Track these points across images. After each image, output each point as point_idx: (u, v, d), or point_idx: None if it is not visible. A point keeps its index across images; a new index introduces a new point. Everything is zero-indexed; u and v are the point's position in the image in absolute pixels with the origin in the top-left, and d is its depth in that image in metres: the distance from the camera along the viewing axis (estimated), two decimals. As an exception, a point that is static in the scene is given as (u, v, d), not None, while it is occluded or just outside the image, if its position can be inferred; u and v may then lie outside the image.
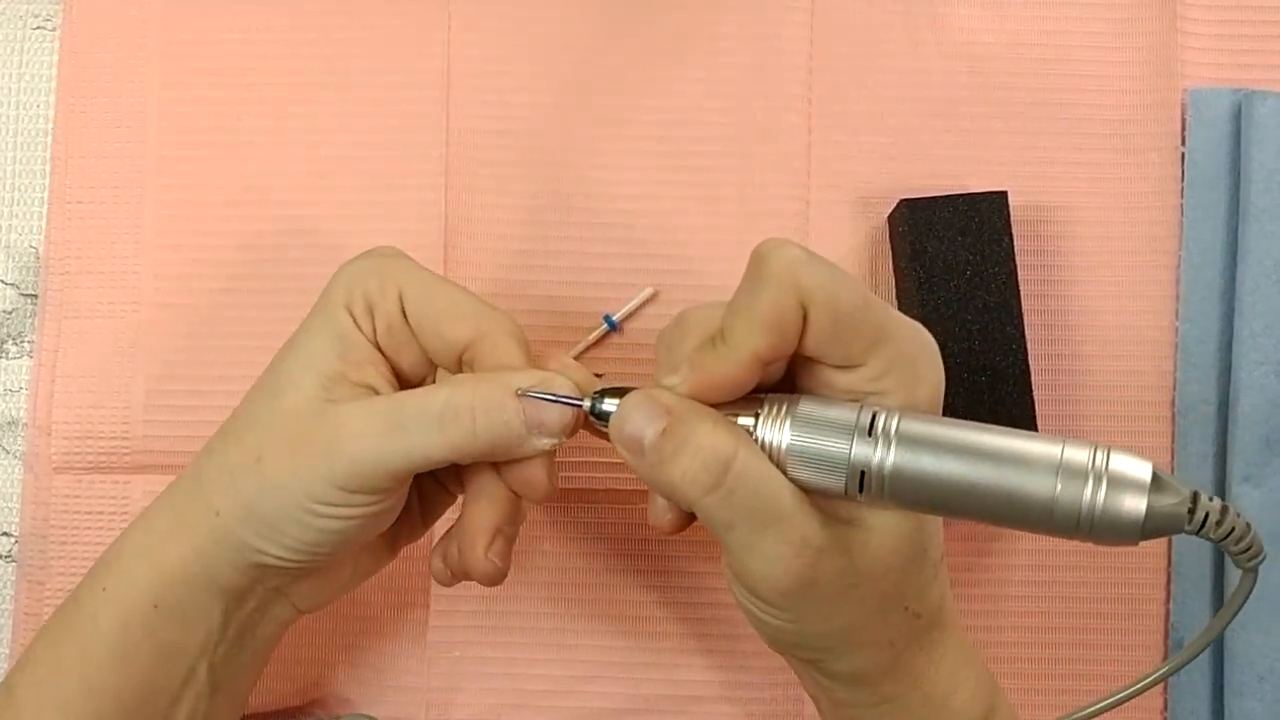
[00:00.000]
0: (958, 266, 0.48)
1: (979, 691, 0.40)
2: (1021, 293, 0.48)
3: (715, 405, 0.36)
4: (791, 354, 0.36)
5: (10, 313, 0.52)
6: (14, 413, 0.52)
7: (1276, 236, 0.50)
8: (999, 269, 0.48)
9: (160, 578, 0.40)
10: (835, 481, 0.35)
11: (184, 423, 0.51)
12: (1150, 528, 0.33)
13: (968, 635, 0.40)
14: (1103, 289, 0.51)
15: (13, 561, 0.51)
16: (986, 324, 0.48)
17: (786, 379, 0.38)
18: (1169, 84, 0.52)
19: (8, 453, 0.52)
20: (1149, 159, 0.52)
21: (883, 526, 0.36)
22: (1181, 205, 0.52)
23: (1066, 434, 0.50)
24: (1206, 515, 0.33)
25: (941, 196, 0.48)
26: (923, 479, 0.34)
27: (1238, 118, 0.51)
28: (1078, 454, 0.33)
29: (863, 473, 0.35)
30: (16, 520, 0.51)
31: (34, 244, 0.52)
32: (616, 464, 0.50)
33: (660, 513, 0.39)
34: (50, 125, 0.53)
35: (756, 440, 0.36)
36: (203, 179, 0.52)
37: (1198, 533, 0.33)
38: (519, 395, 0.38)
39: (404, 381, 0.41)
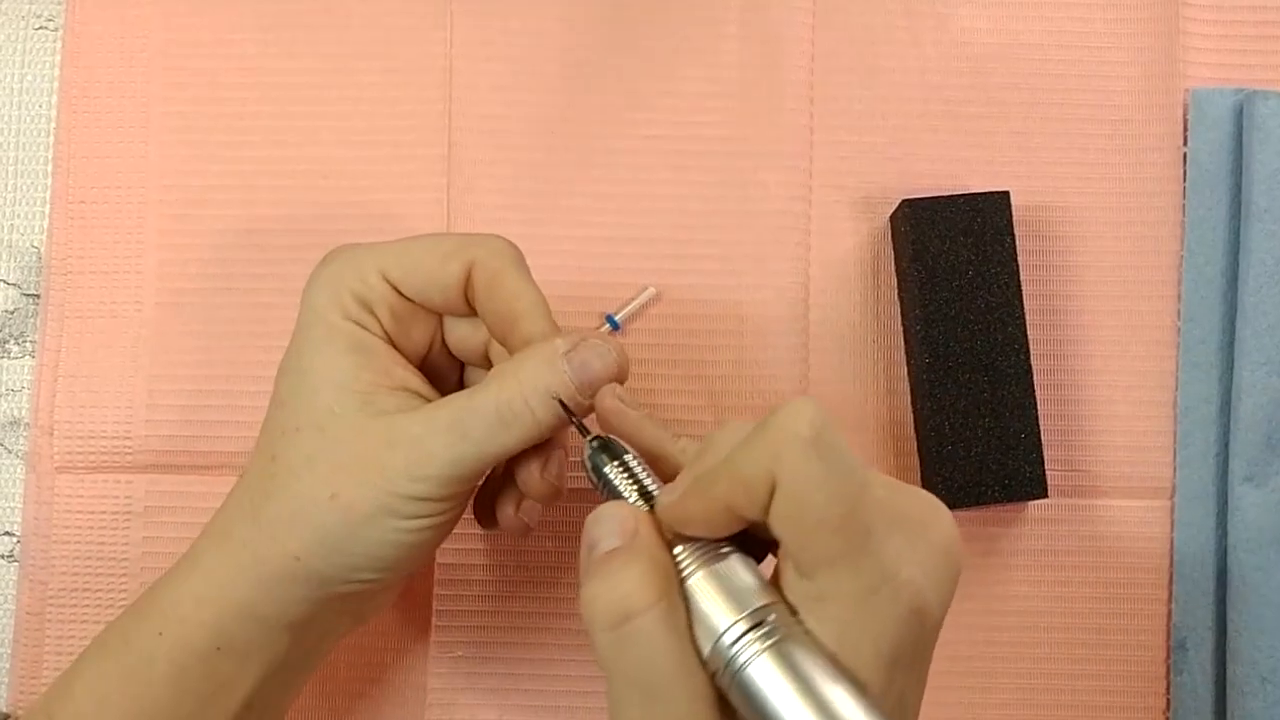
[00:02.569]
0: (960, 267, 0.48)
1: None
2: (1024, 293, 0.48)
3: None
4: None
5: (12, 313, 0.52)
6: (16, 412, 0.52)
7: (1278, 236, 0.50)
8: (1001, 269, 0.48)
9: (225, 621, 0.40)
10: (703, 648, 0.33)
11: (186, 422, 0.51)
12: None
13: None
14: (1105, 289, 0.51)
15: (15, 561, 0.51)
16: (989, 324, 0.48)
17: None
18: (1171, 84, 0.52)
19: (10, 452, 0.52)
20: (1151, 159, 0.52)
21: None
22: (1183, 205, 0.52)
23: (1068, 435, 0.50)
24: None
25: (944, 196, 0.48)
26: (759, 702, 0.32)
27: (1240, 118, 0.51)
28: None
29: (724, 661, 0.33)
30: (19, 520, 0.51)
31: (36, 244, 0.52)
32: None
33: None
34: (53, 125, 0.53)
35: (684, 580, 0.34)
36: (205, 178, 0.52)
37: None
38: (553, 396, 0.38)
39: (413, 357, 0.42)
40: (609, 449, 0.38)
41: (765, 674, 0.32)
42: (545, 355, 0.38)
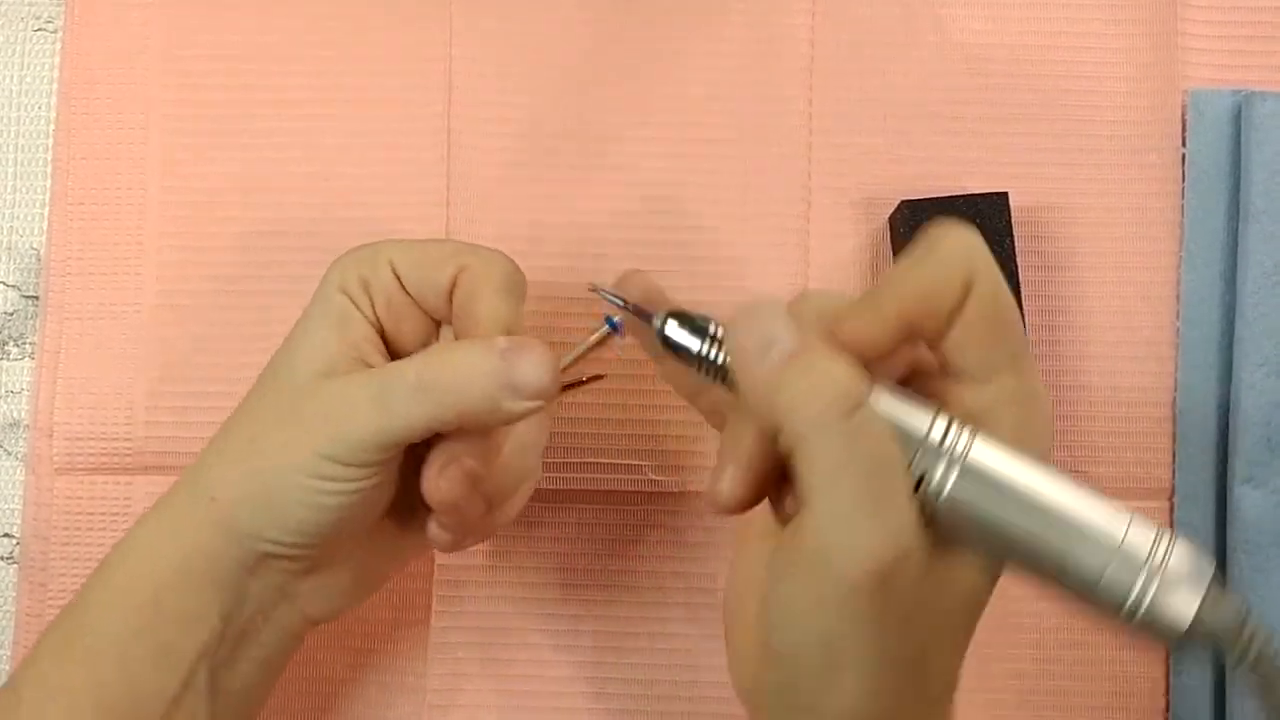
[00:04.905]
0: (959, 268, 0.48)
1: None
2: (1023, 293, 0.48)
3: None
4: (930, 339, 0.34)
5: (12, 314, 0.52)
6: (15, 414, 0.52)
7: (1277, 238, 0.50)
8: (1000, 269, 0.48)
9: (162, 574, 0.40)
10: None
11: (186, 423, 0.51)
12: (1192, 639, 0.31)
13: None
14: (1104, 290, 0.51)
15: (14, 563, 0.51)
16: (988, 325, 0.48)
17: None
18: (1170, 85, 0.52)
19: (9, 454, 0.52)
20: (1150, 160, 0.52)
21: (964, 574, 0.34)
22: (1182, 206, 0.52)
23: (1067, 436, 0.50)
24: (1253, 636, 0.31)
25: (943, 197, 0.48)
26: (975, 511, 0.32)
27: (1238, 118, 0.51)
28: (1141, 537, 0.32)
29: (920, 479, 0.32)
30: (18, 522, 0.51)
31: (36, 245, 0.52)
32: (617, 465, 0.50)
33: (730, 484, 0.34)
34: (52, 127, 0.53)
35: None
36: (205, 180, 0.52)
37: (1239, 655, 0.31)
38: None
39: (400, 353, 0.42)
40: (691, 322, 0.35)
41: (988, 457, 0.32)
42: (483, 343, 0.39)
